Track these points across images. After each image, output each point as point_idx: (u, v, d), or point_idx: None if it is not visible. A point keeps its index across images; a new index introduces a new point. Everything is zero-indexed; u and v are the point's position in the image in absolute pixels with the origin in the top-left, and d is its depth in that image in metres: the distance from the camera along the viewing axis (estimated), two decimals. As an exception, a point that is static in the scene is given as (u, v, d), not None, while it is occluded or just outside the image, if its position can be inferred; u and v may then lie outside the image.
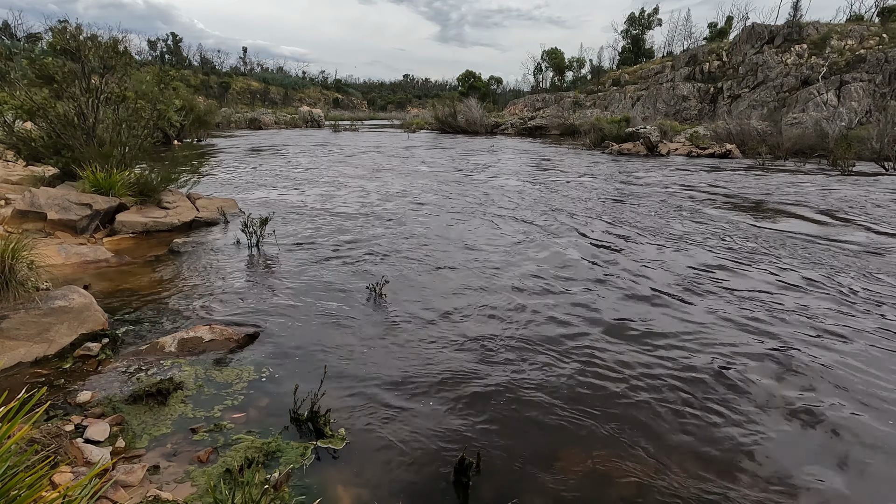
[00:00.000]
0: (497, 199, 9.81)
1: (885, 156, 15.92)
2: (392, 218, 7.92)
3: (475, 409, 2.94)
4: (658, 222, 7.94)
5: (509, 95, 72.58)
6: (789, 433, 2.80)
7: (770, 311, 4.45)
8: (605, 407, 2.99)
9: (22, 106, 7.80)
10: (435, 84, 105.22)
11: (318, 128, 39.81)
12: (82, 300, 3.73)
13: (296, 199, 9.31)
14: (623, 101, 40.77)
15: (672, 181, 12.78)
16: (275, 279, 5.01)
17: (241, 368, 3.28)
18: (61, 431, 2.38)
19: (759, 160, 17.52)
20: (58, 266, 4.99)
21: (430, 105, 45.10)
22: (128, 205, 7.20)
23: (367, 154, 18.96)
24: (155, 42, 68.47)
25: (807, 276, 5.40)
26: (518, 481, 2.38)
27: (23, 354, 3.21)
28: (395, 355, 3.55)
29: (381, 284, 4.66)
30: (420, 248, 6.23)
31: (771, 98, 30.28)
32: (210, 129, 26.18)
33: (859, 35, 30.69)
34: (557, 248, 6.37)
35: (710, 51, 38.53)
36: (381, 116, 70.09)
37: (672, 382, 3.26)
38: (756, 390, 3.19)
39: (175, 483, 2.25)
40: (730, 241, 6.85)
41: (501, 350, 3.67)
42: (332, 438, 2.62)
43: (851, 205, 9.53)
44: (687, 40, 53.83)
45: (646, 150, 20.94)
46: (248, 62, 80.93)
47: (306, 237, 6.65)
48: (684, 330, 4.04)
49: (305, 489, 2.27)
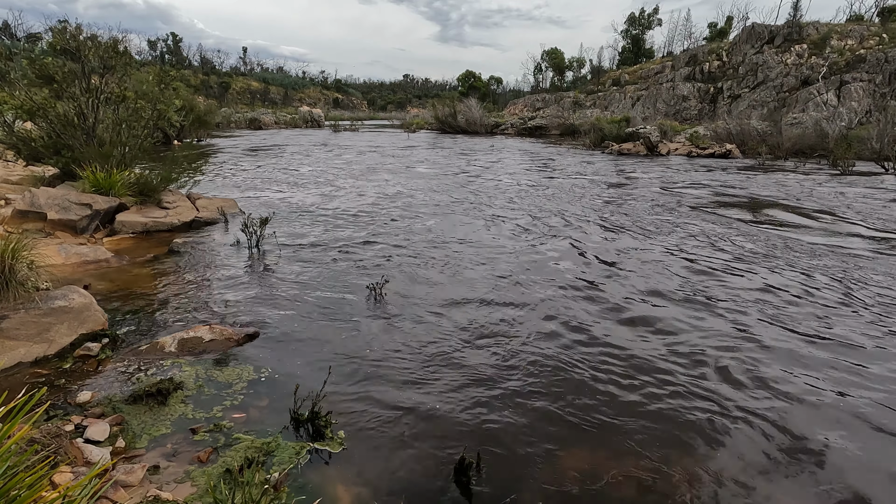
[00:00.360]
0: (496, 199, 9.81)
1: (885, 156, 15.93)
2: (392, 218, 7.92)
3: (475, 409, 2.94)
4: (655, 222, 7.94)
5: (509, 95, 72.56)
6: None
7: (770, 314, 4.45)
8: (605, 407, 2.99)
9: (22, 106, 7.80)
10: (435, 84, 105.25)
11: (318, 128, 39.80)
12: (82, 300, 3.74)
13: (296, 199, 9.31)
14: (623, 101, 40.76)
15: (672, 181, 12.77)
16: (275, 279, 5.01)
17: (241, 368, 3.28)
18: (61, 431, 2.38)
19: (760, 160, 17.52)
20: (58, 266, 4.99)
21: (430, 105, 45.08)
22: (128, 205, 7.20)
23: (366, 154, 18.96)
24: (155, 42, 68.55)
25: (800, 278, 5.40)
26: (518, 481, 2.38)
27: (23, 354, 3.21)
28: (395, 355, 3.55)
29: (382, 284, 4.66)
30: (420, 248, 6.23)
31: (771, 98, 30.28)
32: (210, 129, 26.17)
33: (859, 35, 30.68)
34: (557, 248, 6.37)
35: (710, 51, 38.52)
36: (381, 116, 70.05)
37: (672, 383, 3.26)
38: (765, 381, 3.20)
39: (175, 483, 2.25)
40: (729, 243, 6.85)
41: (501, 350, 3.66)
42: (332, 439, 2.61)
43: (849, 203, 9.54)
44: (687, 40, 53.88)
45: (646, 150, 20.95)
46: (248, 62, 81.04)
47: (306, 237, 6.65)
48: (683, 330, 4.05)
49: (305, 489, 2.27)
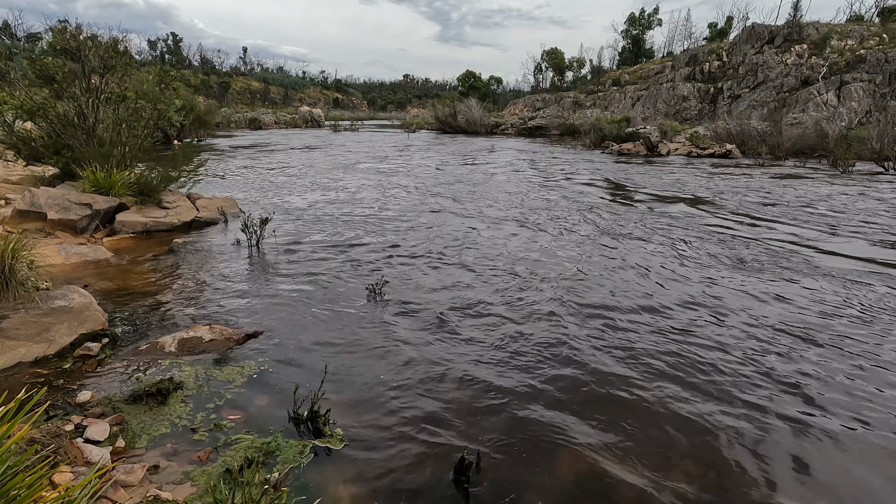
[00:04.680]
0: (496, 199, 9.81)
1: (885, 156, 15.92)
2: (391, 218, 7.92)
3: (475, 409, 2.94)
4: (653, 224, 7.94)
5: (509, 95, 72.51)
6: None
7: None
8: (606, 407, 2.99)
9: (22, 106, 7.80)
10: (435, 84, 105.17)
11: (318, 128, 39.80)
12: (82, 300, 3.74)
13: (295, 199, 9.32)
14: (623, 101, 40.75)
15: (672, 181, 12.78)
16: (275, 279, 5.01)
17: (240, 368, 3.28)
18: (61, 431, 2.38)
19: (760, 160, 17.53)
20: (58, 266, 4.99)
21: (431, 105, 45.05)
22: (128, 205, 7.20)
23: (366, 154, 18.96)
24: (155, 42, 68.54)
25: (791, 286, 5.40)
26: (518, 481, 2.38)
27: (23, 354, 3.21)
28: (395, 355, 3.55)
29: (381, 284, 4.67)
30: (419, 248, 6.23)
31: (771, 98, 30.27)
32: (210, 129, 26.15)
33: (859, 35, 30.68)
34: (556, 250, 6.37)
35: (710, 51, 38.52)
36: (382, 116, 70.01)
37: (674, 383, 3.27)
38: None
39: (175, 483, 2.25)
40: (729, 246, 6.85)
41: (501, 350, 3.67)
42: (332, 438, 2.62)
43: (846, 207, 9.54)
44: (687, 40, 53.88)
45: (646, 151, 20.95)
46: (248, 62, 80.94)
47: (306, 237, 6.65)
48: (682, 329, 4.05)
49: (305, 489, 2.27)
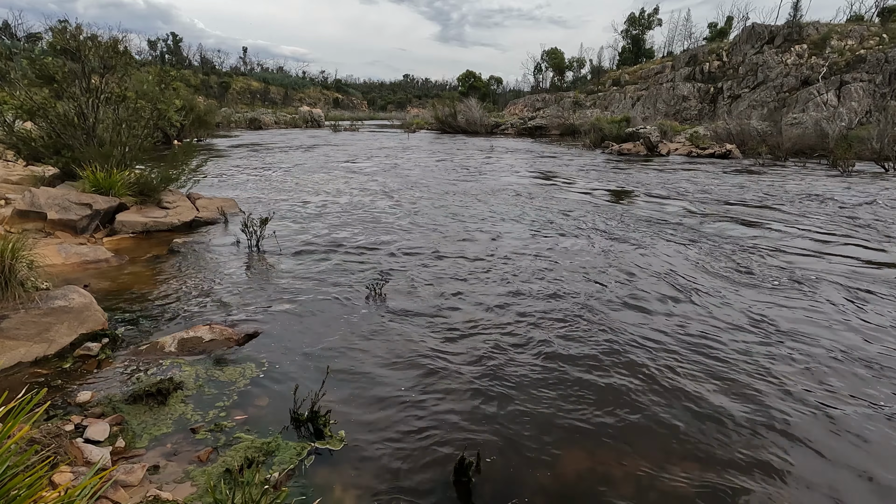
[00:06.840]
0: (495, 200, 9.81)
1: (885, 156, 15.92)
2: (391, 218, 7.92)
3: (475, 409, 2.94)
4: (652, 226, 7.94)
5: (509, 95, 72.48)
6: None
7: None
8: (606, 407, 2.99)
9: (22, 106, 7.79)
10: (435, 84, 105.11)
11: (319, 128, 39.78)
12: (82, 300, 3.73)
13: (295, 199, 9.31)
14: (623, 101, 40.73)
15: (672, 181, 12.77)
16: (275, 279, 5.01)
17: (241, 368, 3.28)
18: (61, 431, 2.38)
19: (760, 160, 17.52)
20: (58, 266, 4.99)
21: (431, 105, 45.04)
22: (128, 205, 7.20)
23: (366, 154, 18.95)
24: (155, 42, 68.50)
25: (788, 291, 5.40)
26: (518, 481, 2.38)
27: (23, 354, 3.21)
28: (395, 355, 3.55)
29: (381, 284, 4.66)
30: (419, 248, 6.22)
31: (771, 98, 30.26)
32: (210, 129, 26.11)
33: (859, 35, 30.66)
34: (556, 249, 6.37)
35: (710, 51, 38.49)
36: (382, 116, 69.96)
37: (674, 384, 3.26)
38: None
39: (175, 483, 2.25)
40: (729, 250, 6.85)
41: (501, 350, 3.66)
42: (332, 438, 2.62)
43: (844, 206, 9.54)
44: (687, 40, 53.84)
45: (646, 151, 20.95)
46: (248, 62, 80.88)
47: (306, 237, 6.64)
48: (680, 330, 4.05)
49: (305, 489, 2.27)
